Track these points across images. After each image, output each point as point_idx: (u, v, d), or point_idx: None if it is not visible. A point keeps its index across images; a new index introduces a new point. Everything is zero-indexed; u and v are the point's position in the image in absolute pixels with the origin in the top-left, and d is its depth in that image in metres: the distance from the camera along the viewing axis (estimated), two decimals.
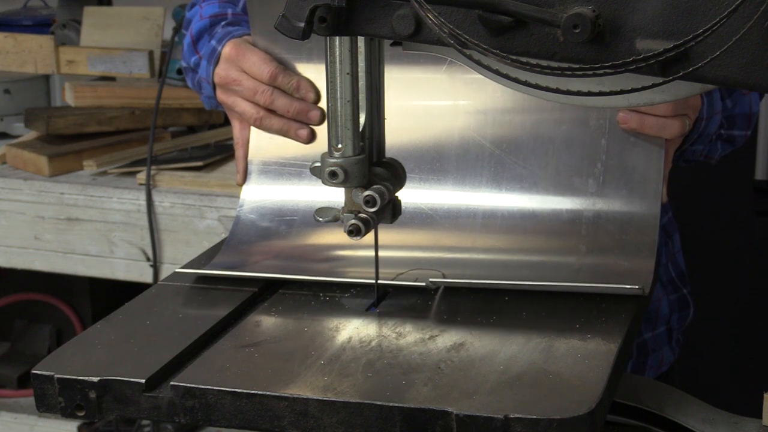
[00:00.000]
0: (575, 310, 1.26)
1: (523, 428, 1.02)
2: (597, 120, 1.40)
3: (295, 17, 1.05)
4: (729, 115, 1.64)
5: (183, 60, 1.79)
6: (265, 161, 1.52)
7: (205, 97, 1.74)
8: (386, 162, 1.23)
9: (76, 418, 1.18)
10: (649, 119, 1.38)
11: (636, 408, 1.33)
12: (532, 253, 1.38)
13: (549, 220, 1.40)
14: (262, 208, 1.49)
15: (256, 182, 1.52)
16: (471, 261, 1.38)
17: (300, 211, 1.48)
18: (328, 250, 1.44)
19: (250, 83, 1.50)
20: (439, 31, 1.00)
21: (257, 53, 1.51)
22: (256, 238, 1.47)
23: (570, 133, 1.41)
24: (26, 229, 2.45)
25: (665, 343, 1.81)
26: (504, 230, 1.40)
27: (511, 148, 1.42)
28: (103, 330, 1.28)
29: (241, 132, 1.56)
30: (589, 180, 1.40)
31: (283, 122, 1.49)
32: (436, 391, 1.09)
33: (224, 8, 1.76)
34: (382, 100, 1.20)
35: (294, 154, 1.51)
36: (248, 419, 1.11)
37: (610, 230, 1.38)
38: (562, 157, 1.41)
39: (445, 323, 1.25)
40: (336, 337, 1.23)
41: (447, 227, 1.41)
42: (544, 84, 0.99)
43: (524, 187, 1.41)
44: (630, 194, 1.39)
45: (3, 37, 2.84)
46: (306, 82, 1.49)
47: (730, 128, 1.64)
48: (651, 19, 0.96)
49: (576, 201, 1.40)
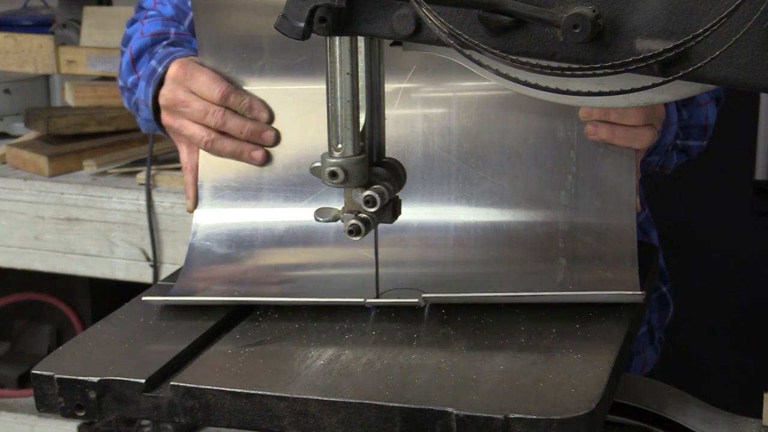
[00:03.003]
0: (575, 310, 1.26)
1: (523, 428, 1.02)
2: (565, 132, 1.38)
3: (295, 17, 1.05)
4: (685, 126, 1.63)
5: (120, 79, 1.70)
6: (216, 185, 1.46)
7: (143, 119, 1.66)
8: (386, 162, 1.23)
9: (76, 418, 1.18)
10: (620, 129, 1.36)
11: (636, 408, 1.33)
12: (512, 268, 1.35)
13: (524, 234, 1.37)
14: (218, 235, 1.43)
15: (209, 206, 1.45)
16: (450, 277, 1.35)
17: (259, 234, 1.42)
18: (301, 269, 1.39)
19: (199, 104, 1.43)
20: (439, 31, 1.00)
21: (206, 73, 1.44)
22: (215, 264, 1.40)
23: (537, 146, 1.39)
24: (26, 229, 2.45)
25: (647, 342, 1.80)
26: (479, 245, 1.37)
27: (478, 163, 1.39)
28: (103, 330, 1.28)
29: (189, 156, 1.49)
30: (561, 192, 1.38)
31: (236, 144, 1.43)
32: (436, 391, 1.09)
33: (167, 27, 1.69)
34: (382, 100, 1.20)
35: (247, 176, 1.44)
36: (248, 419, 1.11)
37: (588, 242, 1.36)
38: (531, 170, 1.38)
39: (445, 323, 1.25)
40: (336, 337, 1.23)
41: (419, 245, 1.38)
42: (544, 84, 0.99)
43: (495, 202, 1.38)
44: (604, 205, 1.37)
45: (3, 37, 2.84)
46: (258, 101, 1.43)
47: (685, 139, 1.64)
48: (651, 19, 0.96)
49: (549, 214, 1.37)
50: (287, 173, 1.43)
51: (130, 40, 1.69)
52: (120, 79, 1.71)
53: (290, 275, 1.37)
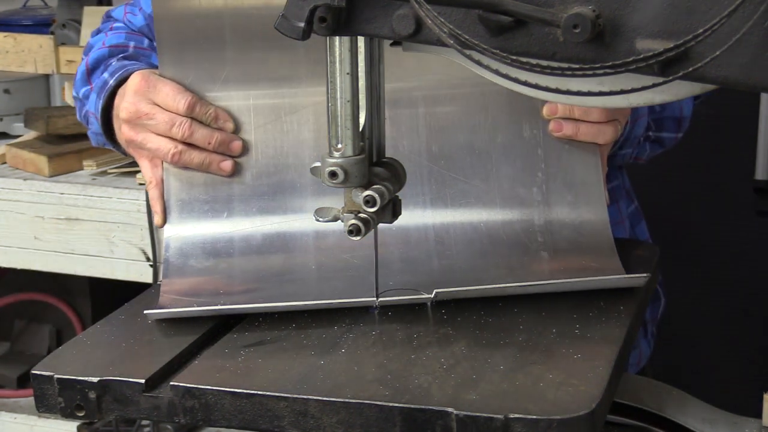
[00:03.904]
0: (575, 310, 1.26)
1: (523, 428, 1.02)
2: (531, 130, 1.41)
3: (295, 17, 1.05)
4: (658, 118, 1.66)
5: (74, 88, 1.67)
6: (183, 199, 1.42)
7: (92, 132, 1.63)
8: (386, 162, 1.23)
9: (75, 418, 1.18)
10: (584, 126, 1.39)
11: (636, 408, 1.34)
12: (498, 265, 1.36)
13: (503, 232, 1.39)
14: (191, 246, 1.39)
15: (179, 222, 1.41)
16: (439, 277, 1.35)
17: (236, 243, 1.39)
18: (297, 273, 1.37)
19: (164, 116, 1.40)
20: (439, 31, 1.00)
21: (169, 84, 1.41)
22: (196, 276, 1.37)
23: (505, 145, 1.41)
24: (26, 229, 2.45)
25: (641, 337, 1.80)
26: (461, 245, 1.38)
27: (449, 165, 1.40)
28: (103, 330, 1.28)
29: (153, 171, 1.44)
30: (533, 189, 1.41)
31: (204, 155, 1.40)
32: (436, 391, 1.09)
33: (128, 40, 1.67)
34: (382, 100, 1.20)
35: (214, 186, 1.42)
36: (248, 419, 1.11)
37: (566, 235, 1.39)
38: (502, 169, 1.41)
39: (445, 324, 1.25)
40: (336, 337, 1.23)
41: (400, 247, 1.37)
42: (544, 84, 0.99)
43: (470, 202, 1.40)
44: (576, 200, 1.41)
45: (3, 37, 2.84)
46: (223, 111, 1.42)
47: (658, 131, 1.66)
48: (651, 19, 0.96)
49: (524, 211, 1.40)
50: (257, 183, 1.42)
51: (91, 49, 1.67)
52: (74, 89, 1.67)
53: (289, 278, 1.36)
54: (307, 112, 1.40)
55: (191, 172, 1.42)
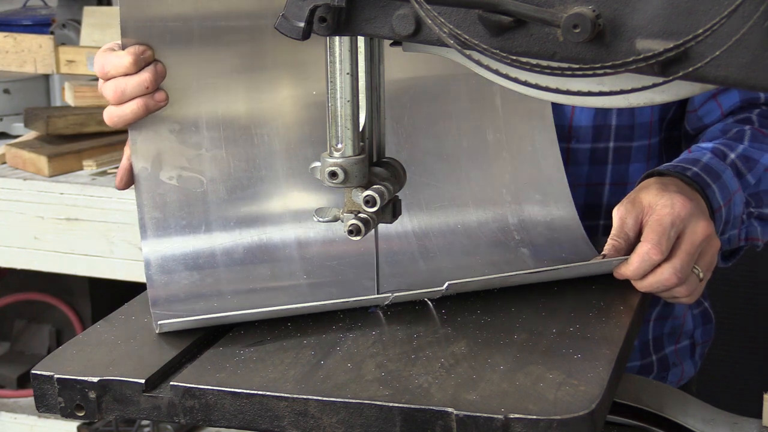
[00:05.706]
0: (575, 310, 1.26)
1: (523, 428, 1.02)
2: (494, 134, 1.44)
3: (295, 17, 1.05)
4: (754, 192, 1.51)
5: None
6: (156, 217, 1.37)
7: None
8: (386, 162, 1.23)
9: (75, 418, 1.18)
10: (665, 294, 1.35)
11: (636, 408, 1.34)
12: (484, 263, 1.37)
13: (481, 231, 1.42)
14: (173, 262, 1.36)
15: (155, 238, 1.37)
16: (429, 276, 1.34)
17: (218, 258, 1.37)
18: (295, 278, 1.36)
19: (107, 90, 1.40)
20: (439, 31, 1.00)
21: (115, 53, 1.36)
22: (184, 290, 1.34)
23: (471, 149, 1.44)
24: (26, 229, 2.45)
25: (688, 357, 1.78)
26: (443, 246, 1.40)
27: (419, 170, 1.41)
28: (103, 330, 1.28)
29: None
30: (503, 190, 1.44)
31: (141, 101, 1.36)
32: (436, 391, 1.09)
33: None
34: (382, 100, 1.20)
35: (188, 202, 1.37)
36: (248, 419, 1.11)
37: (541, 231, 1.42)
38: (471, 172, 1.44)
39: (445, 323, 1.25)
40: (336, 337, 1.23)
41: (384, 252, 1.35)
42: (544, 84, 0.99)
43: (445, 205, 1.42)
44: (544, 198, 1.45)
45: (3, 37, 2.84)
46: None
47: (758, 206, 1.52)
48: (651, 19, 0.96)
49: (498, 211, 1.43)
50: (233, 197, 1.39)
51: None
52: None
53: (280, 287, 1.34)
54: (276, 124, 1.39)
55: (164, 189, 1.37)
